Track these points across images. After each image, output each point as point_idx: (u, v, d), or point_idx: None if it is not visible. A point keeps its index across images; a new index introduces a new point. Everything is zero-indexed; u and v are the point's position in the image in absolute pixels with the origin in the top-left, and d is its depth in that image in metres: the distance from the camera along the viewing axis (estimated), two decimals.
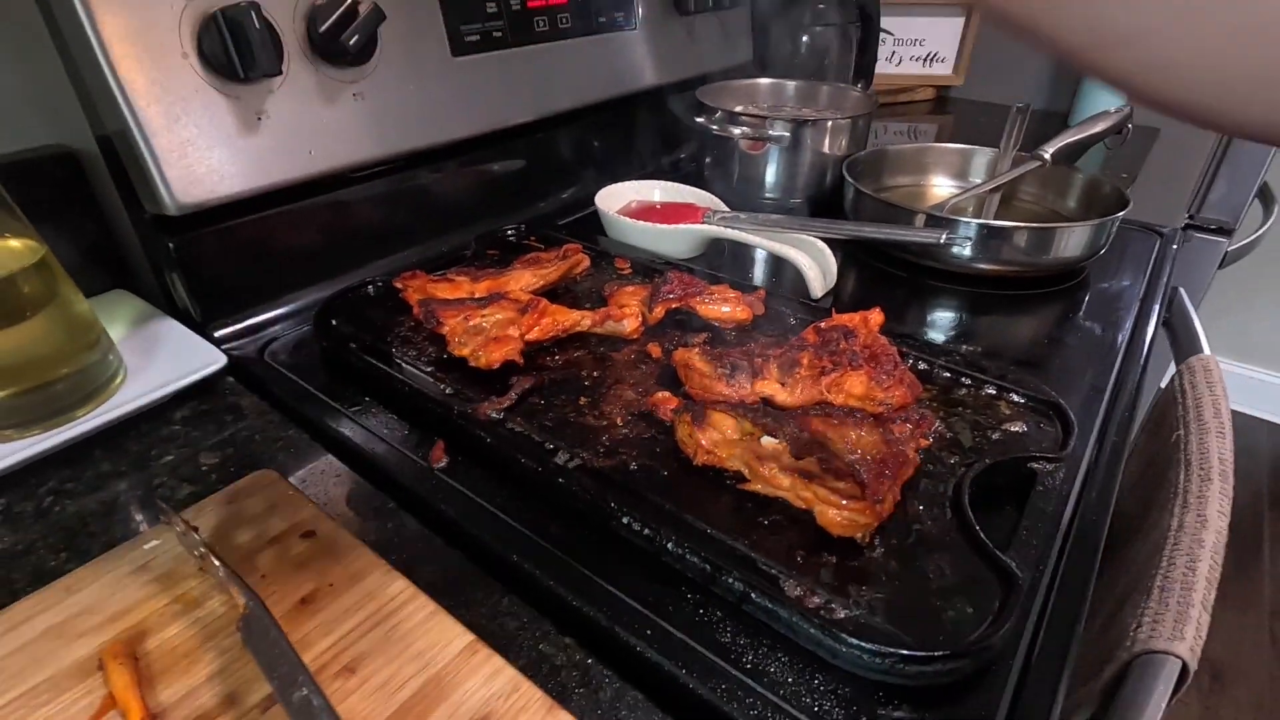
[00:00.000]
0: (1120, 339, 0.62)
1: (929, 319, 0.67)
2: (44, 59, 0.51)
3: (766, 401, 0.47)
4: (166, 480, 0.46)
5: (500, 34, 0.69)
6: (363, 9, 0.55)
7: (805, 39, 1.10)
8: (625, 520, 0.39)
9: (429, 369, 0.53)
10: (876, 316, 0.53)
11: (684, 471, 0.43)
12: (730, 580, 0.35)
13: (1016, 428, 0.47)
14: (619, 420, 0.47)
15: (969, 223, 0.66)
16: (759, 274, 0.74)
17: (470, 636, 0.31)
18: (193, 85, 0.50)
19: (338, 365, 0.55)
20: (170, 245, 0.54)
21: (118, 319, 0.59)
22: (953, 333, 0.65)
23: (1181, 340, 0.75)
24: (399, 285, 0.60)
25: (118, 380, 0.52)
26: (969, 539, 0.38)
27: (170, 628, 0.31)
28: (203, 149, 0.51)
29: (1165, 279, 0.74)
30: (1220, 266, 1.38)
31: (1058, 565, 0.39)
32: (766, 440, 0.40)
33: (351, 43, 0.54)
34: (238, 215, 0.57)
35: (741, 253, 0.76)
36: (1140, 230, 0.82)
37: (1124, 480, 0.74)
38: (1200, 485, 0.53)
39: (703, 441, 0.41)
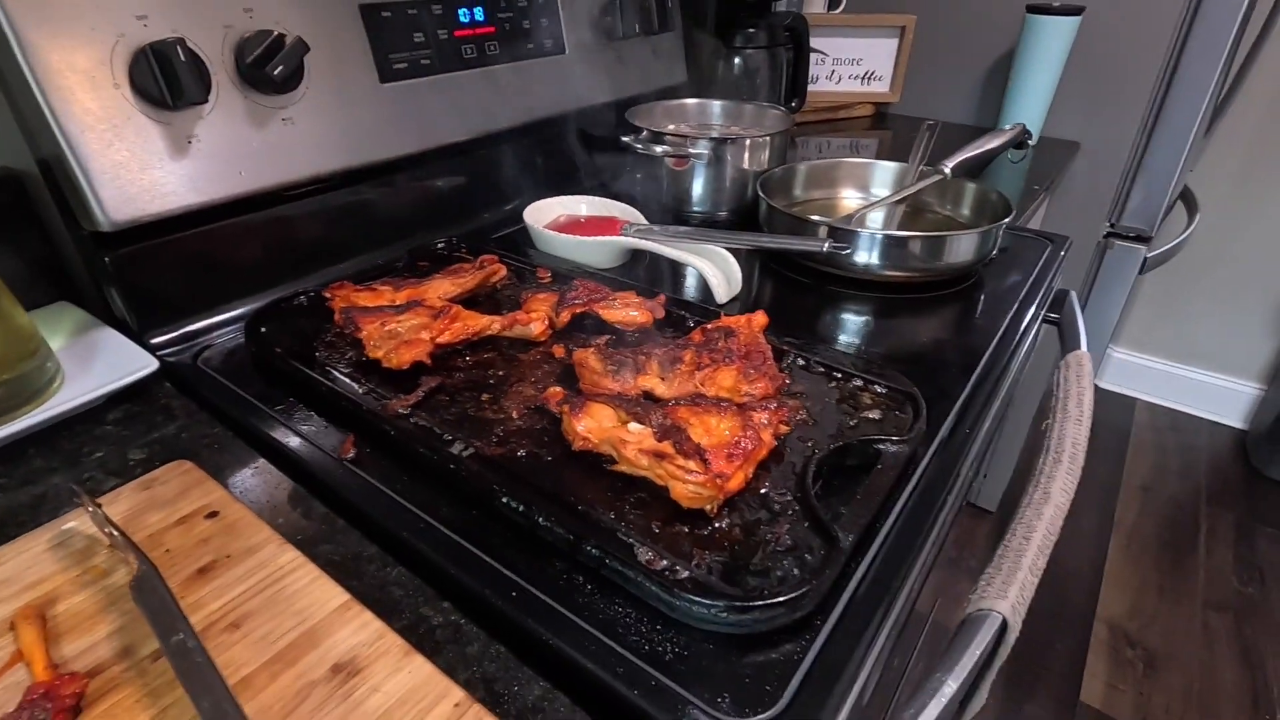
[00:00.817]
0: (994, 335, 0.68)
1: (832, 323, 0.72)
2: None
3: (648, 394, 0.52)
4: (95, 474, 0.49)
5: (429, 61, 0.74)
6: (288, 41, 0.60)
7: (738, 61, 1.17)
8: (504, 499, 0.43)
9: (348, 371, 0.57)
10: (760, 318, 0.59)
11: (566, 457, 0.48)
12: (590, 548, 0.40)
13: (874, 415, 0.52)
14: (515, 414, 0.52)
15: (859, 232, 0.72)
16: (674, 283, 0.79)
17: (346, 596, 0.36)
18: (124, 113, 0.54)
19: (265, 370, 0.59)
20: (106, 260, 0.58)
21: (59, 329, 0.63)
22: (853, 335, 0.70)
23: (1066, 338, 0.81)
24: (327, 295, 0.64)
25: (54, 385, 0.56)
26: (806, 510, 0.43)
27: (78, 595, 0.35)
28: (135, 170, 0.56)
29: (1049, 281, 0.81)
30: (1141, 272, 1.45)
31: (889, 531, 0.44)
32: (633, 426, 0.45)
33: (276, 73, 0.59)
34: (172, 231, 0.61)
35: (659, 263, 0.81)
36: (1034, 238, 0.88)
37: (1016, 466, 0.80)
38: (1051, 467, 0.58)
39: (579, 428, 0.46)
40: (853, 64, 1.51)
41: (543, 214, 0.83)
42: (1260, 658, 1.49)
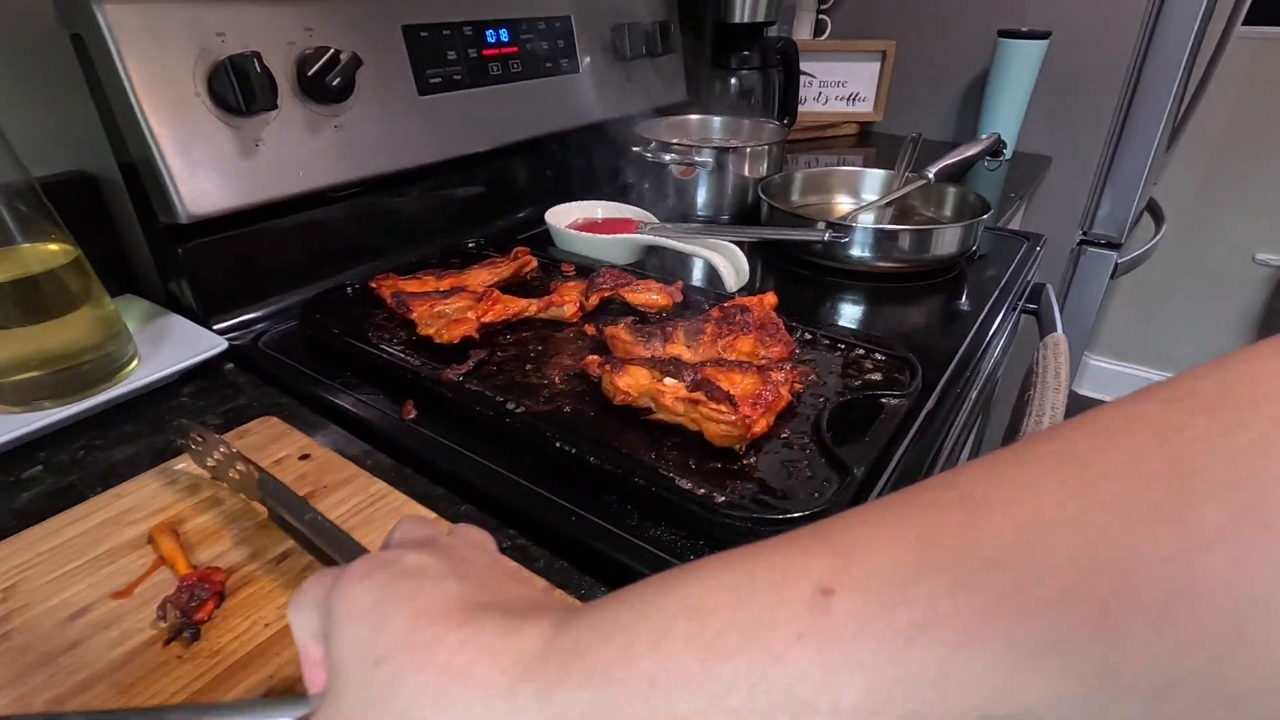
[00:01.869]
0: (978, 317, 0.75)
1: (831, 308, 0.79)
2: (73, 97, 0.62)
3: (675, 359, 0.58)
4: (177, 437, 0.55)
5: (460, 77, 0.82)
6: (343, 57, 0.67)
7: (734, 81, 1.25)
8: (558, 444, 0.49)
9: (400, 348, 0.63)
10: (770, 298, 0.66)
11: (606, 413, 0.54)
12: (637, 479, 0.46)
13: (876, 377, 0.59)
14: (557, 379, 0.58)
15: (854, 226, 0.79)
16: (686, 275, 0.86)
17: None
18: (203, 118, 0.61)
19: (323, 350, 0.65)
20: (180, 250, 0.64)
21: (130, 317, 0.68)
22: (850, 319, 0.77)
23: (1044, 325, 0.89)
24: (374, 285, 0.70)
25: (134, 364, 0.61)
26: (821, 448, 0.49)
27: (200, 517, 0.41)
28: (210, 169, 0.62)
29: (1026, 273, 0.88)
30: (1113, 276, 1.54)
31: (894, 468, 0.51)
32: (668, 380, 0.52)
33: (335, 84, 0.66)
34: (235, 227, 0.67)
35: (671, 258, 0.88)
36: (1012, 237, 0.97)
37: (1003, 438, 0.87)
38: (1034, 428, 0.65)
39: (620, 384, 0.52)
40: (838, 86, 1.61)
41: (562, 217, 0.90)
42: None
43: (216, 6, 0.61)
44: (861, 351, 0.62)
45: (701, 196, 1.00)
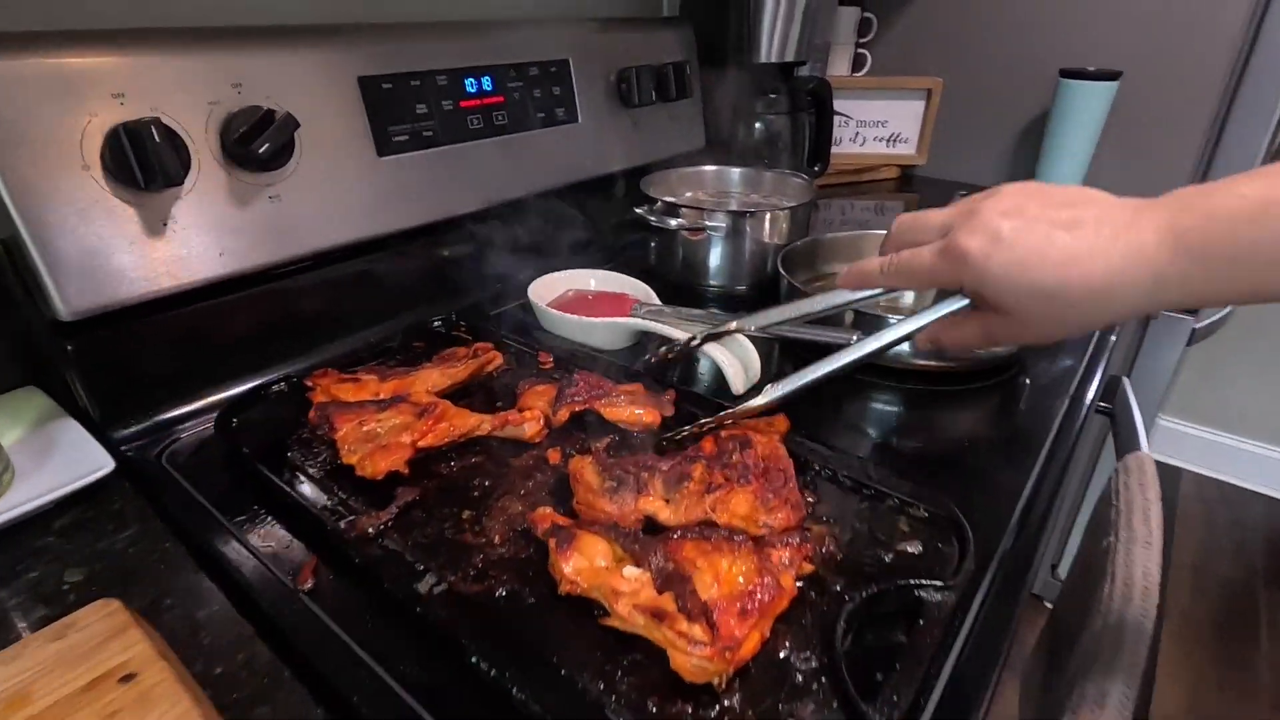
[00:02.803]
0: (1045, 436, 0.61)
1: (859, 414, 0.65)
2: None
3: (651, 519, 0.45)
4: (23, 600, 0.44)
5: (431, 133, 0.71)
6: (278, 117, 0.57)
7: (759, 125, 1.13)
8: (474, 660, 0.37)
9: (320, 476, 0.52)
10: (781, 423, 0.52)
11: (553, 599, 0.41)
12: None
13: (913, 548, 0.45)
14: (497, 539, 0.46)
15: (884, 318, 0.65)
16: (686, 366, 0.73)
17: None
18: (92, 196, 0.50)
19: (233, 470, 0.54)
20: (68, 348, 0.54)
21: (22, 418, 0.58)
22: (883, 429, 0.63)
23: (1122, 435, 0.73)
24: (309, 384, 0.59)
25: (1, 485, 0.51)
26: (835, 682, 0.36)
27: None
28: (102, 256, 0.51)
29: (1102, 367, 0.73)
30: (1189, 344, 1.36)
31: (935, 707, 0.37)
32: (629, 571, 0.39)
33: (262, 150, 0.55)
34: (144, 315, 0.57)
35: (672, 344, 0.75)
36: None
37: (1064, 585, 0.71)
38: (1121, 603, 0.50)
39: (566, 570, 0.39)
40: (877, 126, 1.47)
41: (549, 289, 0.78)
42: None
43: (118, 60, 0.51)
44: (895, 503, 0.49)
45: (714, 262, 0.87)
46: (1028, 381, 0.72)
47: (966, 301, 0.43)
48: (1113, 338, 0.79)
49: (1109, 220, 0.36)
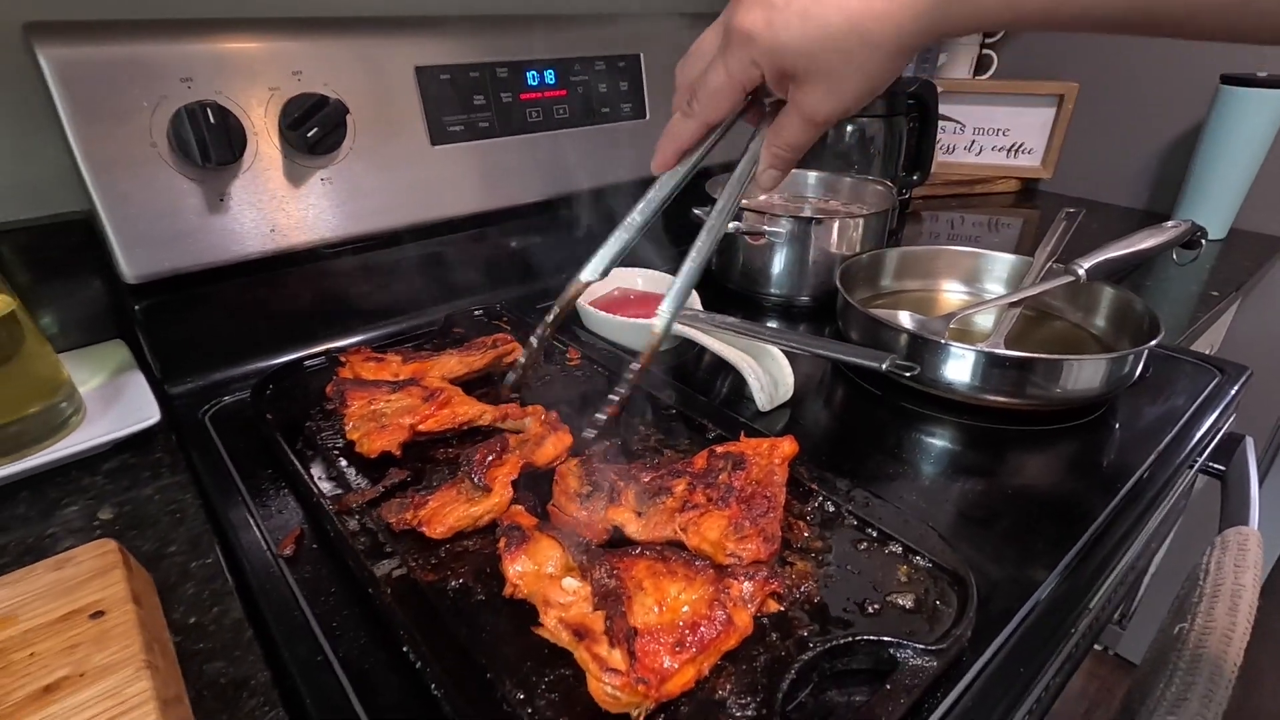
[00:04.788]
0: (1117, 493, 0.52)
1: (898, 448, 0.59)
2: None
3: (619, 530, 0.43)
4: (57, 531, 0.49)
5: (487, 124, 0.72)
6: (330, 103, 0.59)
7: (850, 128, 1.06)
8: (405, 649, 0.36)
9: (332, 449, 0.54)
10: (787, 446, 0.48)
11: (499, 599, 0.40)
12: None
13: (905, 600, 0.40)
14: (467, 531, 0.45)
15: (948, 347, 0.59)
16: (722, 376, 0.70)
17: None
18: (159, 172, 0.55)
19: (258, 436, 0.57)
20: (136, 308, 0.59)
21: (104, 366, 0.65)
22: (922, 469, 0.56)
23: (1231, 504, 0.62)
24: (341, 360, 0.62)
25: (69, 427, 0.57)
26: None
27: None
28: (164, 226, 0.56)
29: (1214, 422, 0.62)
30: None
31: None
32: (568, 582, 0.37)
33: (311, 135, 0.58)
34: (203, 284, 0.61)
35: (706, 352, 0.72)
36: (1197, 363, 0.70)
37: (1139, 666, 0.62)
38: (1173, 704, 0.43)
39: (510, 571, 0.38)
40: (998, 134, 1.35)
41: (595, 287, 0.77)
42: None
43: (187, 47, 0.55)
44: (898, 549, 0.43)
45: (776, 270, 0.83)
46: (1118, 426, 0.63)
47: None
48: (1235, 388, 0.67)
49: None
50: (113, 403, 0.60)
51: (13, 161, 0.63)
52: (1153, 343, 0.61)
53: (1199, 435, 0.60)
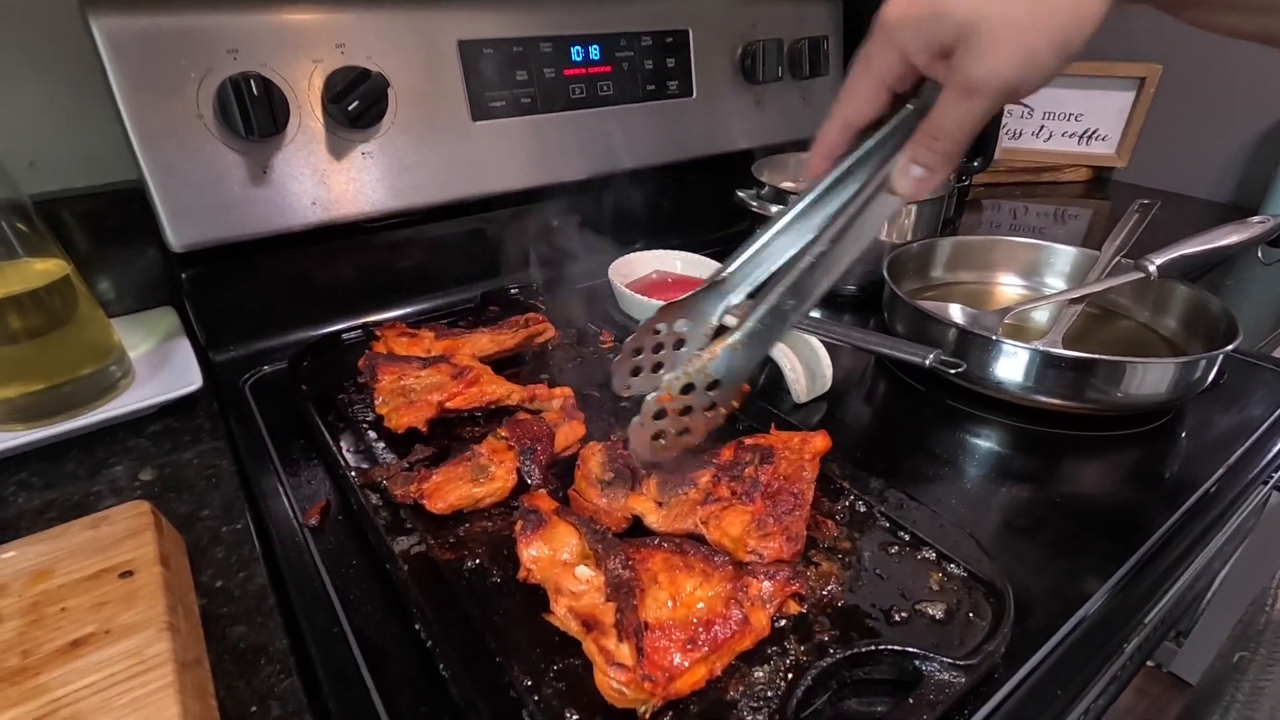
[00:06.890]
0: (1178, 508, 0.49)
1: (942, 448, 0.56)
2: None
3: (639, 520, 0.42)
4: (100, 490, 0.50)
5: (529, 100, 0.71)
6: (371, 77, 0.59)
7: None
8: (417, 626, 0.36)
9: (361, 424, 0.54)
10: (819, 441, 0.46)
11: (514, 583, 0.39)
12: None
13: (935, 610, 0.38)
14: (493, 507, 0.45)
15: (999, 344, 0.56)
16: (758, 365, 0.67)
17: None
18: (203, 142, 0.56)
19: (293, 404, 0.58)
20: (183, 276, 0.61)
21: (154, 333, 0.67)
22: (965, 472, 0.53)
23: None
24: (377, 334, 0.62)
25: (117, 390, 0.59)
26: None
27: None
28: (209, 196, 0.57)
29: None
30: None
31: None
32: (581, 570, 0.36)
33: (351, 108, 0.58)
34: (246, 254, 0.62)
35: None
36: (1277, 371, 0.65)
37: (1192, 693, 0.58)
38: None
39: (525, 555, 0.38)
40: (1069, 120, 1.27)
41: (632, 268, 0.76)
42: None
43: (234, 19, 0.55)
44: (931, 555, 0.41)
45: None
46: (1184, 435, 0.58)
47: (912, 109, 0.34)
48: None
49: None
50: (160, 368, 0.62)
51: (75, 131, 0.65)
52: (1229, 347, 0.56)
53: (1276, 449, 0.56)
